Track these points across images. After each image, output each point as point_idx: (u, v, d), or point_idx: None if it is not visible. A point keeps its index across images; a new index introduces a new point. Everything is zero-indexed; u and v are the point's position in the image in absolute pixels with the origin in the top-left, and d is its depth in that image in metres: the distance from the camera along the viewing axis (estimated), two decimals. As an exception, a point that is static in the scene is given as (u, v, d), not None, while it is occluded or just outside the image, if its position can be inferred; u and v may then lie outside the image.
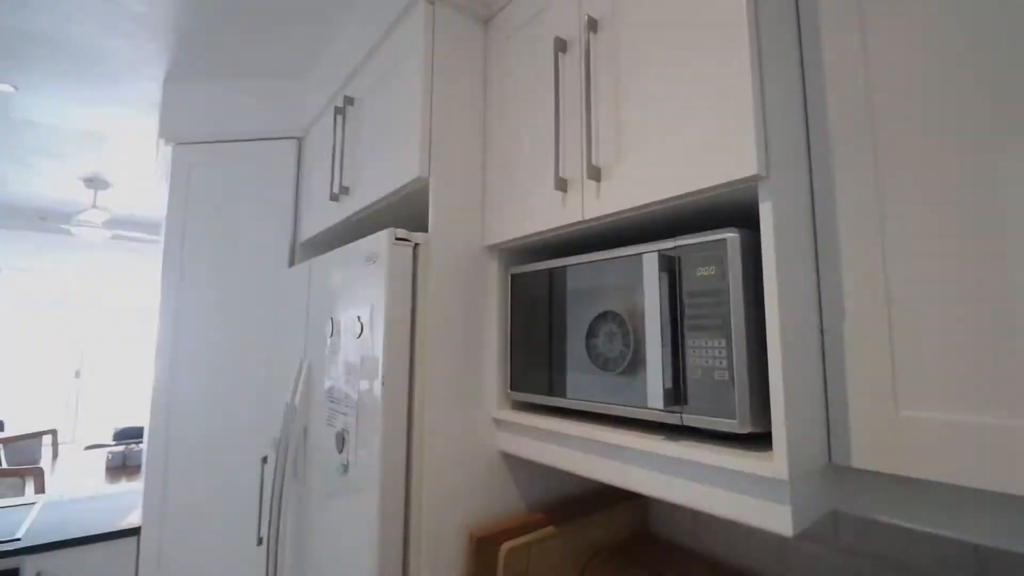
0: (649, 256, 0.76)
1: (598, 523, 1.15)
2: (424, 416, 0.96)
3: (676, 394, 0.73)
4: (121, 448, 3.15)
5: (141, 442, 3.66)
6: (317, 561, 1.11)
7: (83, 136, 2.71)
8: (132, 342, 7.62)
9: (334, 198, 1.38)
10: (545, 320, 0.97)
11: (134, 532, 1.65)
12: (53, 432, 3.80)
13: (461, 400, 1.02)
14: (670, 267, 0.76)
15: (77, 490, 2.63)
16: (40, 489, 2.44)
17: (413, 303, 0.99)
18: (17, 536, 1.57)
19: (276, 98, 1.86)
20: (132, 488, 2.14)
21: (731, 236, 0.70)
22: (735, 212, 0.80)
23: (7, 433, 5.30)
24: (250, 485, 1.72)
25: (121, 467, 3.11)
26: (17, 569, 1.50)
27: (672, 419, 0.74)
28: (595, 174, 0.83)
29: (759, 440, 0.72)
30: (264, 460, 1.62)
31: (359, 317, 1.02)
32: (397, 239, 0.98)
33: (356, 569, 0.94)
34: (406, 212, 1.28)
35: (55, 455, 3.75)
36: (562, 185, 0.89)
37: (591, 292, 0.88)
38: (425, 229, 1.04)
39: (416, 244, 1.00)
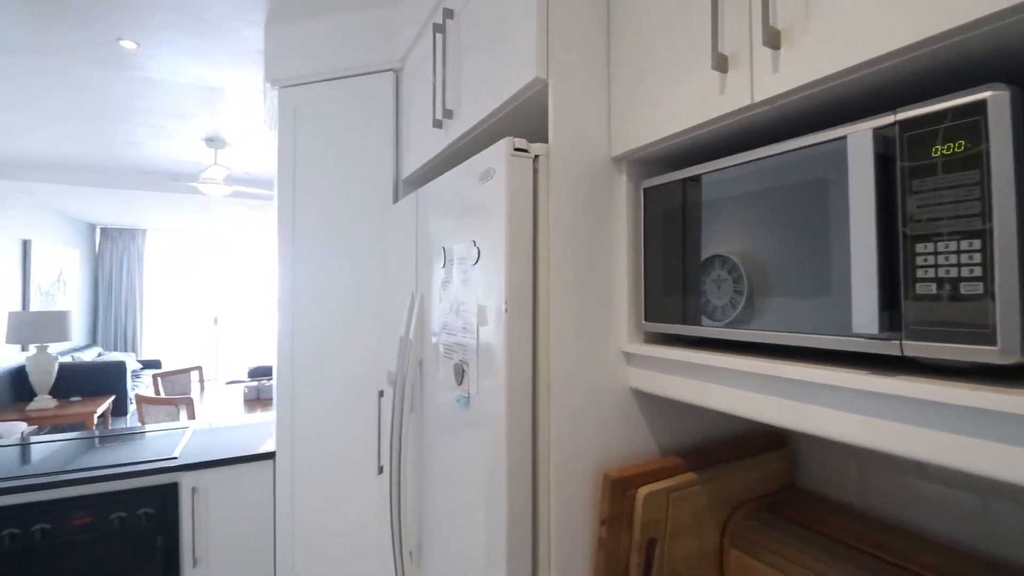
0: (858, 137, 0.57)
1: (742, 473, 1.01)
2: (550, 347, 0.87)
3: (893, 317, 0.56)
4: (255, 383, 3.51)
5: (270, 379, 4.07)
6: (440, 491, 1.09)
7: (200, 92, 2.87)
8: (260, 291, 8.45)
9: (437, 124, 1.29)
10: (689, 238, 0.82)
11: (270, 456, 1.79)
12: (199, 369, 4.31)
13: (588, 331, 0.91)
14: (887, 149, 0.57)
15: (220, 418, 2.99)
16: (191, 416, 2.77)
17: (534, 224, 0.88)
18: (174, 455, 1.77)
19: (372, 30, 1.78)
20: (265, 418, 2.35)
21: (995, 95, 0.50)
22: (982, 68, 0.58)
23: (164, 369, 6.15)
24: (368, 418, 1.79)
25: (256, 399, 3.48)
26: (175, 484, 1.69)
27: (887, 349, 0.57)
28: (774, 39, 0.64)
29: (1011, 375, 0.54)
30: (380, 394, 1.66)
31: (475, 242, 0.93)
32: (516, 150, 0.86)
33: (484, 504, 0.90)
34: (516, 132, 1.16)
35: (202, 388, 4.26)
36: (722, 63, 0.71)
37: (755, 200, 0.71)
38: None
39: (536, 156, 0.88)
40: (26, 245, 5.23)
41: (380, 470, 1.59)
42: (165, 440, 1.96)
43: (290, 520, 1.75)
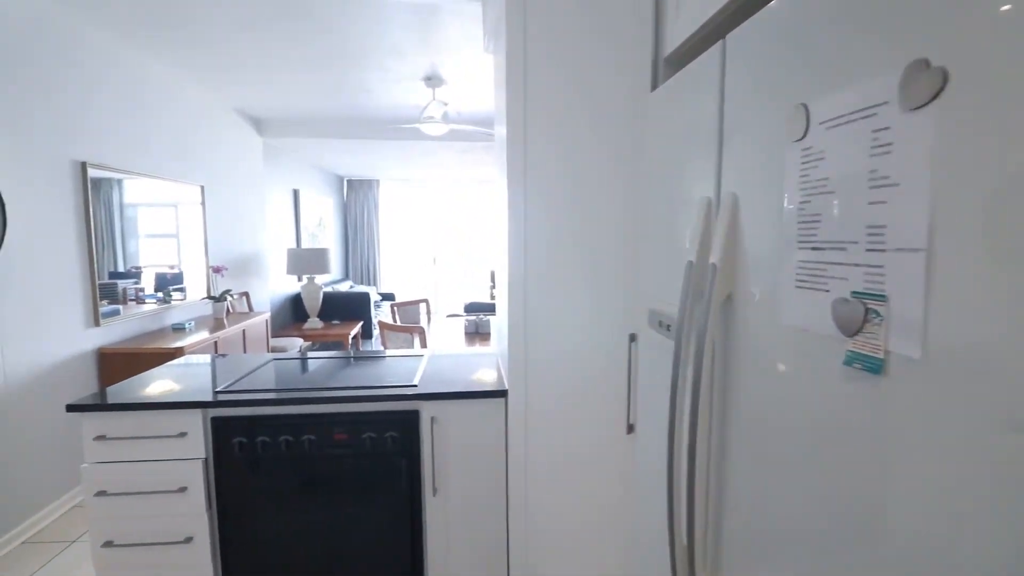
0: None
1: None
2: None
3: None
4: (474, 318, 3.64)
5: (487, 315, 4.20)
6: (778, 494, 0.73)
7: (418, 24, 2.80)
8: (471, 233, 9.03)
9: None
10: None
11: (503, 394, 1.65)
12: (426, 302, 4.68)
13: None
14: None
15: (447, 348, 3.15)
16: (423, 344, 2.92)
17: None
18: (414, 383, 1.75)
19: None
20: (484, 350, 2.29)
21: None
22: None
23: (398, 301, 6.97)
24: (612, 365, 1.51)
25: (475, 333, 3.61)
26: (417, 411, 1.66)
27: None
28: None
29: None
30: (632, 338, 1.35)
31: (927, 62, 0.49)
32: None
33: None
34: None
35: (428, 319, 4.62)
36: None
37: None
38: None
39: None
40: (296, 193, 6.29)
41: (629, 429, 1.31)
42: (406, 365, 2.00)
43: (522, 462, 1.61)
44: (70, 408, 1.58)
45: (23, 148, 2.33)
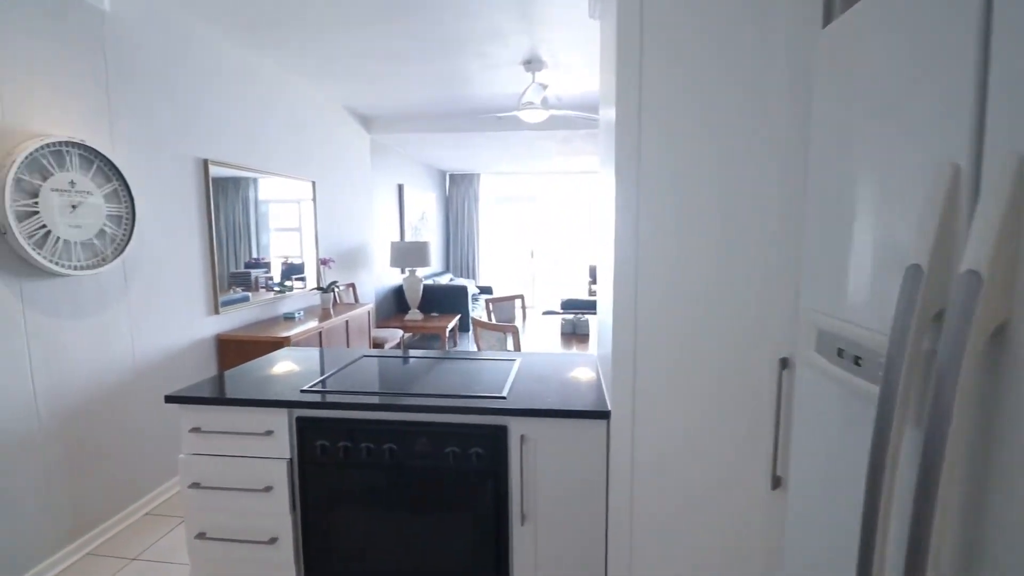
0: None
1: None
2: None
3: None
4: (571, 317, 3.39)
5: (585, 313, 3.94)
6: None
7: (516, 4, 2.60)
8: (571, 227, 8.78)
9: None
10: None
11: (604, 415, 1.40)
12: (521, 297, 4.52)
13: None
14: None
15: (541, 347, 2.95)
16: (516, 345, 2.74)
17: None
18: (503, 394, 1.56)
19: None
20: (583, 354, 2.04)
21: None
22: None
23: (494, 296, 6.92)
24: (753, 398, 1.19)
25: (572, 334, 3.36)
26: (505, 427, 1.47)
27: None
28: None
29: None
30: (783, 364, 1.03)
31: None
32: None
33: None
34: None
35: (524, 316, 4.46)
36: None
37: None
38: None
39: None
40: (400, 188, 6.46)
41: (775, 483, 1.00)
42: (496, 371, 1.82)
43: (626, 506, 1.34)
44: (168, 399, 1.60)
45: (150, 145, 2.50)
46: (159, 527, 2.32)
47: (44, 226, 1.94)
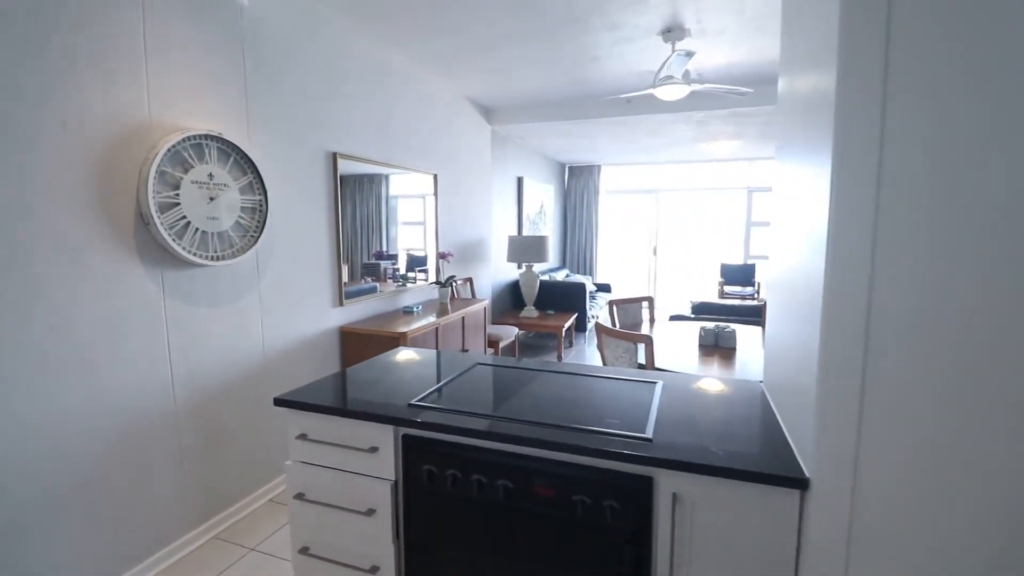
0: None
1: None
2: None
3: None
4: (712, 327, 2.89)
5: (726, 320, 3.41)
6: None
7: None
8: (698, 222, 8.02)
9: None
10: None
11: (799, 484, 1.00)
12: (650, 300, 4.07)
13: None
14: None
15: (677, 364, 2.52)
16: (650, 361, 2.35)
17: None
18: (647, 434, 1.21)
19: None
20: (743, 380, 1.61)
21: None
22: None
23: (613, 295, 6.47)
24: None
25: (713, 346, 2.87)
26: (650, 479, 1.13)
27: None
28: None
29: None
30: None
31: None
32: None
33: None
34: None
35: (652, 321, 4.01)
36: None
37: None
38: None
39: None
40: (520, 181, 6.28)
41: None
42: (634, 397, 1.48)
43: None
44: (277, 402, 1.50)
45: (282, 138, 2.53)
46: (279, 516, 2.34)
47: (184, 217, 1.99)
